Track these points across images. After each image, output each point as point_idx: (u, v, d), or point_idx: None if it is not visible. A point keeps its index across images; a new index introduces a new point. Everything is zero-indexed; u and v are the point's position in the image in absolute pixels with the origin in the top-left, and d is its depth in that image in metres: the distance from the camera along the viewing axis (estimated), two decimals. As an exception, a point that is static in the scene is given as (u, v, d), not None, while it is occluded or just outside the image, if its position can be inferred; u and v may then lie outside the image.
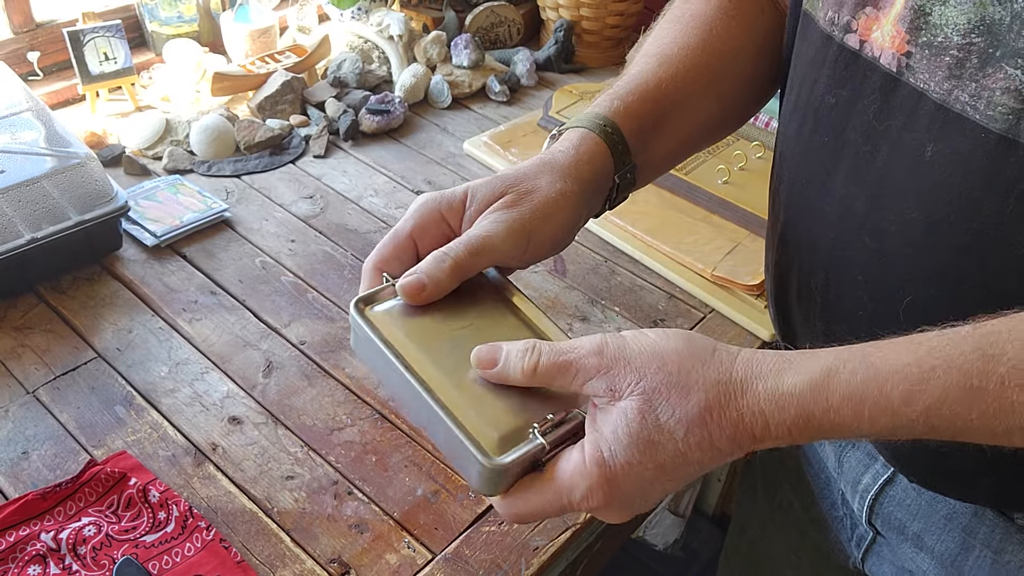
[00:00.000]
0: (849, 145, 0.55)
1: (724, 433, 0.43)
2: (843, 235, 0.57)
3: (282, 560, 0.70)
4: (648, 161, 0.63)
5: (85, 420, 0.80)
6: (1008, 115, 0.45)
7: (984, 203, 0.47)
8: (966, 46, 0.47)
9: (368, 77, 1.34)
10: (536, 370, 0.46)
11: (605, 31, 1.49)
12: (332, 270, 1.01)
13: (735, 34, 0.67)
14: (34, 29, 1.23)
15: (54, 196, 0.91)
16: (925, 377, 0.40)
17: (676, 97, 0.64)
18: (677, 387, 0.43)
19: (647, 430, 0.43)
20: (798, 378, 0.42)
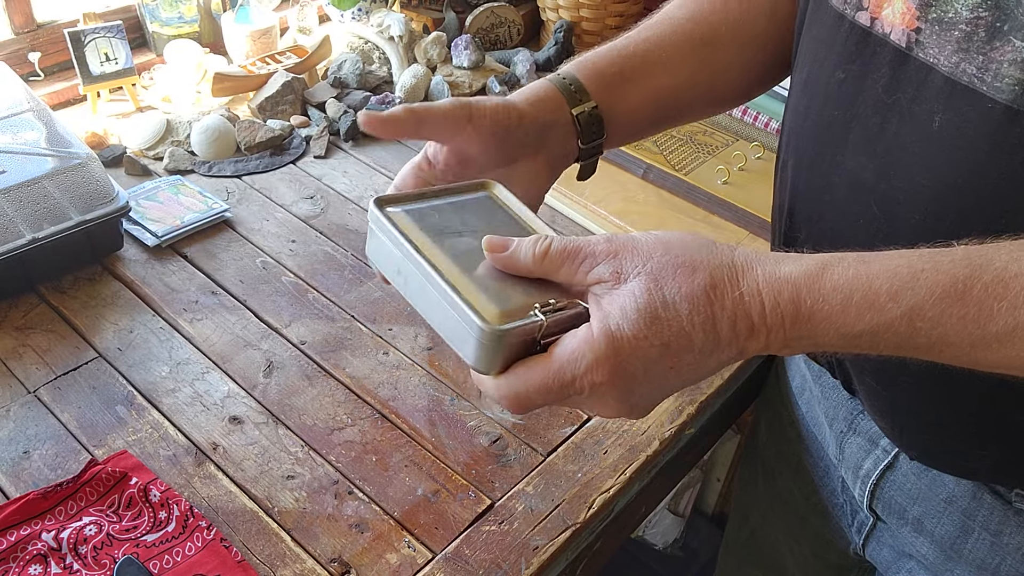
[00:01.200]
0: (858, 119, 0.56)
1: (725, 312, 0.44)
2: (852, 207, 0.58)
3: (282, 560, 0.70)
4: (621, 107, 0.65)
5: (86, 420, 0.80)
6: (1015, 86, 0.47)
7: (990, 169, 0.49)
8: (974, 20, 0.48)
9: (368, 78, 1.34)
10: (547, 254, 0.47)
11: (605, 32, 1.49)
12: (332, 270, 1.01)
13: (731, 7, 0.69)
14: (35, 30, 1.23)
15: (55, 196, 0.91)
16: (914, 276, 0.42)
17: (649, 56, 0.67)
18: (683, 267, 0.44)
19: (654, 305, 0.44)
20: (795, 266, 0.44)
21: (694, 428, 0.88)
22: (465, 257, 0.53)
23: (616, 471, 0.80)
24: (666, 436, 0.84)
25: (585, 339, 0.45)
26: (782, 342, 0.44)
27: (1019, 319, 0.40)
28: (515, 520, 0.75)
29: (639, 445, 0.83)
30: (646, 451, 0.82)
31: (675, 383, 0.46)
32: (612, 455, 0.81)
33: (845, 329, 0.43)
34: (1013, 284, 0.40)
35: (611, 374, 0.44)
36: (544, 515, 0.76)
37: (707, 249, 0.45)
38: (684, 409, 0.87)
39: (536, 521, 0.75)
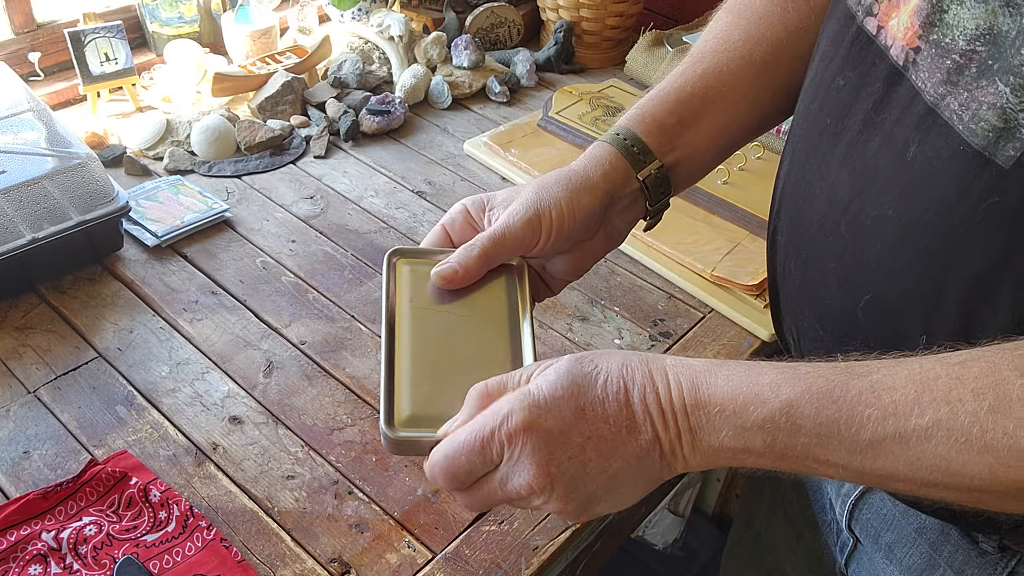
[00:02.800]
0: (847, 131, 0.56)
1: (636, 385, 0.47)
2: (827, 220, 0.57)
3: (282, 559, 0.70)
4: (685, 156, 0.66)
5: (86, 420, 0.80)
6: (989, 132, 0.46)
7: (954, 213, 0.48)
8: (968, 52, 0.47)
9: (368, 78, 1.34)
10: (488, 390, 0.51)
11: (605, 32, 1.49)
12: (332, 270, 1.01)
13: (791, 18, 0.67)
14: (35, 30, 1.23)
15: (55, 196, 0.91)
16: (796, 375, 0.45)
17: (709, 94, 0.66)
18: (602, 354, 0.49)
19: (572, 375, 0.48)
20: (699, 361, 0.48)
21: (694, 428, 0.88)
22: (432, 340, 0.57)
23: (616, 471, 0.80)
24: (666, 436, 0.84)
25: (506, 397, 0.48)
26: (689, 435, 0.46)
27: (887, 430, 0.42)
28: (515, 520, 0.75)
29: (639, 445, 0.83)
30: (646, 451, 0.82)
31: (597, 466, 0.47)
32: (612, 455, 0.81)
33: (737, 421, 0.45)
34: (885, 396, 0.42)
35: (527, 425, 0.46)
36: (544, 515, 0.76)
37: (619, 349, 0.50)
38: (684, 409, 0.87)
39: (536, 521, 0.75)
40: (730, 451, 0.46)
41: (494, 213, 0.62)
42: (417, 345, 0.57)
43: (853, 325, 0.56)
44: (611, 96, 1.33)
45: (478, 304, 0.59)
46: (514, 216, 0.60)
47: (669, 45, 1.44)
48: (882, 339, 0.54)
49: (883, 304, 0.54)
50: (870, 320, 0.55)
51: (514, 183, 1.18)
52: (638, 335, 0.96)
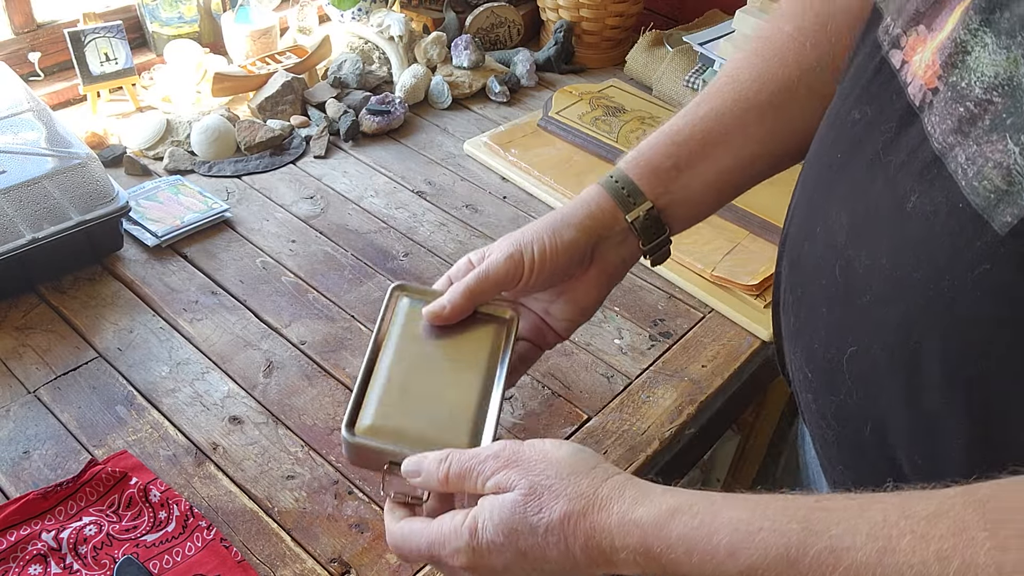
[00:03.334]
0: (854, 169, 0.54)
1: (577, 541, 0.47)
2: (823, 261, 0.55)
3: (282, 559, 0.70)
4: (681, 199, 0.66)
5: (86, 420, 0.80)
6: (990, 193, 0.43)
7: (944, 276, 0.45)
8: (984, 102, 0.44)
9: (368, 78, 1.34)
10: (448, 477, 0.53)
11: (605, 32, 1.49)
12: (332, 270, 1.01)
13: (807, 57, 0.65)
14: (35, 30, 1.23)
15: (55, 196, 0.91)
16: (752, 534, 0.42)
17: (709, 137, 0.65)
18: (550, 490, 0.49)
19: (515, 520, 0.49)
20: (647, 510, 0.46)
21: (694, 428, 0.88)
22: (409, 367, 0.62)
23: (616, 471, 0.80)
24: (666, 436, 0.84)
25: (455, 527, 0.51)
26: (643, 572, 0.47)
27: None
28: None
29: (639, 445, 0.83)
30: (646, 451, 0.82)
31: None
32: (612, 455, 0.81)
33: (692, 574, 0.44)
34: (844, 557, 0.40)
35: (470, 563, 0.50)
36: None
37: (578, 475, 0.49)
38: (684, 409, 0.87)
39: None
40: None
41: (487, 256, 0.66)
42: (395, 368, 0.61)
43: (838, 377, 0.54)
44: (611, 96, 1.33)
45: (462, 346, 0.63)
46: (497, 254, 0.64)
47: (669, 45, 1.44)
48: (864, 397, 0.52)
49: (867, 360, 0.51)
50: (854, 374, 0.53)
51: (514, 183, 1.19)
52: (638, 335, 0.96)
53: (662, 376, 0.91)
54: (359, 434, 0.57)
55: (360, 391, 0.60)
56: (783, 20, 0.68)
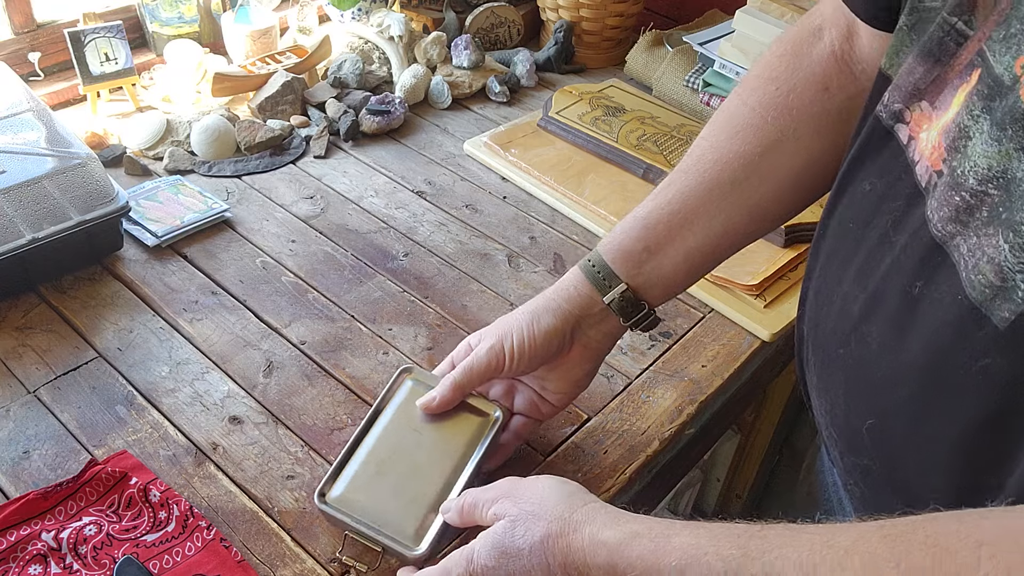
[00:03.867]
0: (865, 242, 0.54)
1: (556, 560, 0.53)
2: (839, 330, 0.56)
3: (282, 559, 0.70)
4: (655, 279, 0.71)
5: (86, 420, 0.80)
6: (986, 288, 0.43)
7: (949, 363, 0.46)
8: (980, 193, 0.43)
9: (368, 78, 1.34)
10: (463, 510, 0.63)
11: (605, 32, 1.49)
12: (332, 270, 1.01)
13: (768, 132, 0.66)
14: (35, 30, 1.23)
15: (55, 196, 0.91)
16: (698, 557, 0.46)
17: (674, 220, 0.69)
18: (534, 516, 0.56)
19: (504, 543, 0.56)
20: (614, 533, 0.51)
21: (694, 428, 0.88)
22: (392, 446, 0.72)
23: (616, 471, 0.80)
24: (666, 436, 0.84)
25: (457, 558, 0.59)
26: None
27: None
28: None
29: (639, 445, 0.83)
30: (646, 451, 0.82)
31: None
32: (612, 455, 0.81)
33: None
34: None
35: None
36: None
37: (559, 502, 0.56)
38: (684, 409, 0.87)
39: None
40: None
41: None
42: (379, 445, 0.72)
43: (859, 444, 0.55)
44: (611, 96, 1.33)
45: (445, 435, 0.72)
46: (480, 348, 0.71)
47: (669, 45, 1.44)
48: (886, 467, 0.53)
49: (885, 433, 0.52)
50: (874, 444, 0.54)
51: (514, 183, 1.19)
52: (638, 335, 0.96)
53: (662, 376, 0.91)
54: (329, 502, 0.68)
55: (343, 460, 0.71)
56: (746, 93, 0.69)
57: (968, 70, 0.46)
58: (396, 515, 0.67)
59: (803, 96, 0.66)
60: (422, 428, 0.73)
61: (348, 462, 0.71)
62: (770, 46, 0.70)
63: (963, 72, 0.47)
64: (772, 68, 0.68)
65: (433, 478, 0.69)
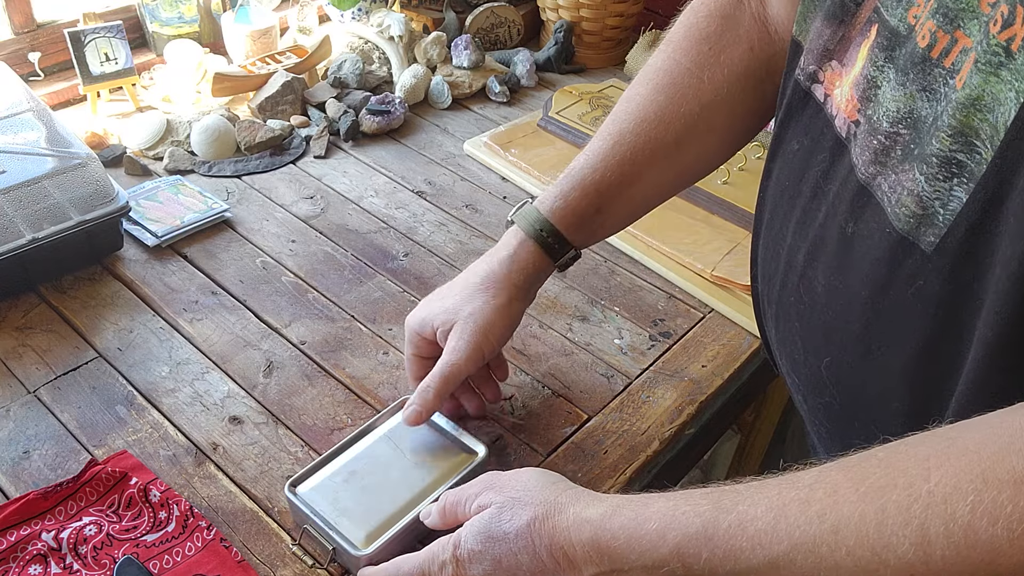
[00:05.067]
0: (801, 197, 0.58)
1: (543, 543, 0.54)
2: (787, 281, 0.59)
3: (282, 560, 0.70)
4: (596, 235, 0.76)
5: (86, 420, 0.80)
6: (910, 218, 0.46)
7: (887, 292, 0.49)
8: (893, 135, 0.48)
9: (368, 78, 1.34)
10: (444, 510, 0.64)
11: (605, 32, 1.49)
12: (332, 270, 1.01)
13: (705, 91, 0.70)
14: (35, 30, 1.23)
15: (55, 196, 0.91)
16: (676, 517, 0.48)
17: (624, 180, 0.72)
18: (519, 502, 0.57)
19: (491, 529, 0.57)
20: (597, 509, 0.53)
21: (694, 428, 0.88)
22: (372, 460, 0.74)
23: (616, 471, 0.80)
24: (666, 436, 0.84)
25: (441, 545, 0.60)
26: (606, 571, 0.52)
27: (759, 559, 0.44)
28: None
29: (639, 445, 0.83)
30: (646, 451, 0.82)
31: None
32: (612, 455, 0.81)
33: (639, 561, 0.50)
34: (749, 527, 0.45)
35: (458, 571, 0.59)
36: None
37: (543, 489, 0.57)
38: (684, 409, 0.87)
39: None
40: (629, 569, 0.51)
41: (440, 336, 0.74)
42: (360, 456, 0.74)
43: (820, 383, 0.58)
44: (611, 96, 1.33)
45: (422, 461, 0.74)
46: (458, 354, 0.72)
47: (669, 45, 1.44)
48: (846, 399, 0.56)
49: (841, 368, 0.55)
50: (832, 380, 0.56)
51: (514, 183, 1.19)
52: (638, 335, 0.96)
53: (662, 376, 0.91)
54: (297, 493, 0.71)
55: (323, 461, 0.74)
56: (679, 52, 0.72)
57: (867, 27, 0.51)
58: (353, 519, 0.69)
59: (732, 55, 0.69)
60: (405, 450, 0.75)
61: (327, 464, 0.74)
62: (692, 6, 0.73)
63: (863, 29, 0.52)
64: (702, 28, 0.71)
65: (399, 494, 0.71)
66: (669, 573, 0.49)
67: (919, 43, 0.46)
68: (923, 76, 0.46)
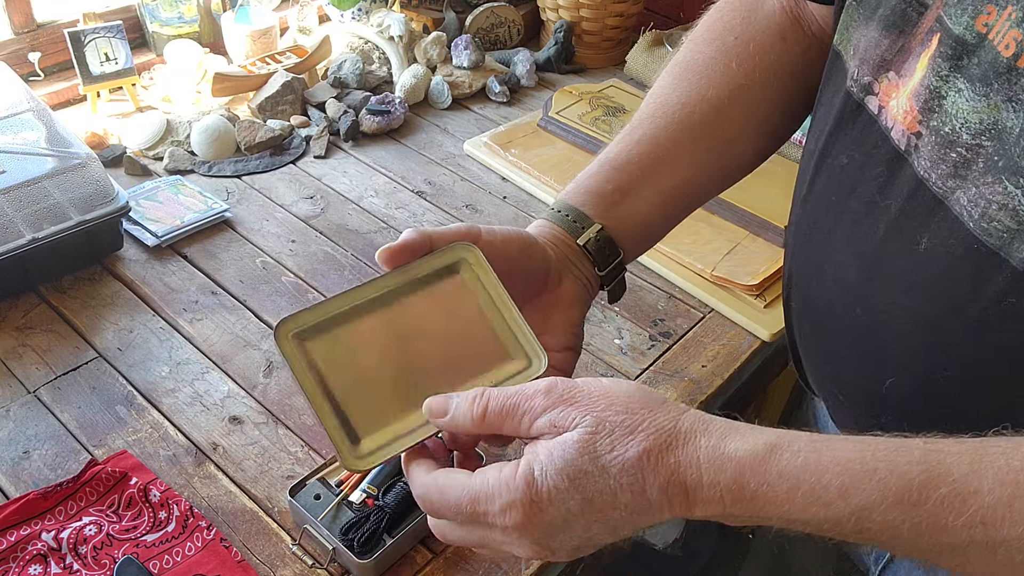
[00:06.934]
0: (851, 212, 0.55)
1: (657, 480, 0.42)
2: (837, 300, 0.56)
3: (282, 559, 0.70)
4: (630, 223, 0.63)
5: (86, 420, 0.80)
6: (1003, 233, 0.44)
7: (970, 310, 0.47)
8: (975, 147, 0.46)
9: (368, 78, 1.34)
10: (485, 416, 0.46)
11: (605, 32, 1.49)
12: (332, 270, 1.01)
13: (734, 76, 0.65)
14: (35, 30, 1.23)
15: (55, 196, 0.91)
16: (866, 475, 0.40)
17: (645, 160, 0.64)
18: (622, 427, 0.43)
19: (582, 460, 0.42)
20: (742, 444, 0.42)
21: (694, 428, 0.87)
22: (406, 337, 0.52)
23: (616, 471, 0.80)
24: (666, 436, 0.84)
25: (505, 479, 0.43)
26: (719, 515, 0.43)
27: (974, 537, 0.39)
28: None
29: (639, 445, 0.83)
30: (646, 451, 0.82)
31: (603, 534, 0.44)
32: (612, 455, 0.81)
33: (789, 515, 0.41)
34: (971, 501, 0.39)
35: (525, 518, 0.43)
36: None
37: (652, 410, 0.44)
38: (684, 409, 0.87)
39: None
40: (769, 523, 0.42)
41: None
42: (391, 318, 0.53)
43: (878, 403, 0.55)
44: (611, 96, 1.33)
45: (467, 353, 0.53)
46: None
47: (669, 45, 1.44)
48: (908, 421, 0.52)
49: (907, 389, 0.52)
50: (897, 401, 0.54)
51: (514, 183, 1.19)
52: (638, 335, 0.96)
53: (662, 376, 0.91)
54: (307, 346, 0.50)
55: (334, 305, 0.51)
56: (702, 43, 0.68)
57: (928, 36, 0.49)
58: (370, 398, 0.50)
59: (762, 45, 0.66)
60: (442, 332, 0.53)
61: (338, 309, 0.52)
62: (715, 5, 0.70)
63: (924, 39, 0.49)
64: (725, 21, 0.68)
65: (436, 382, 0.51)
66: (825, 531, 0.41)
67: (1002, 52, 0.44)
68: (1009, 86, 0.44)
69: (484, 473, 0.45)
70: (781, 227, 1.05)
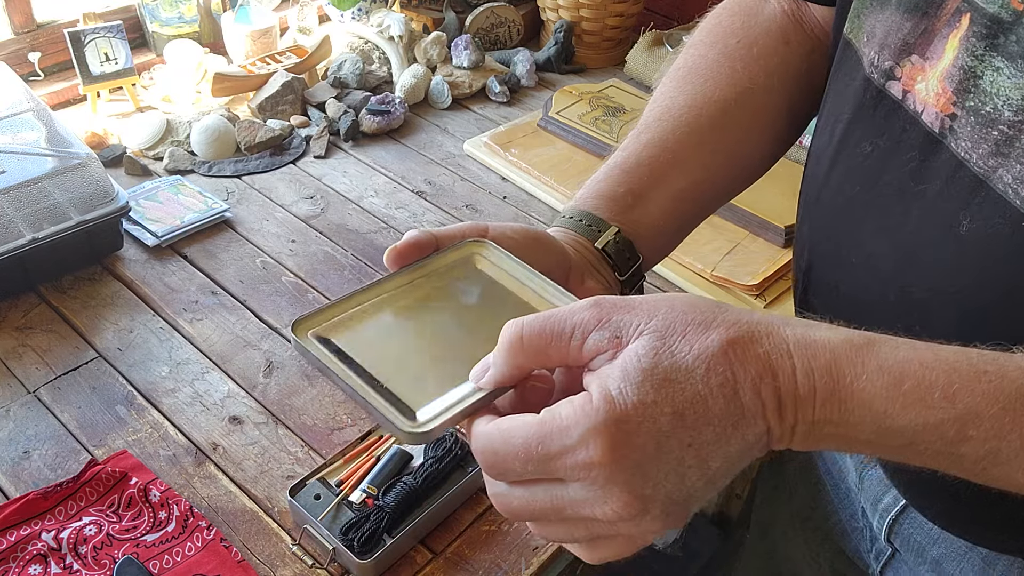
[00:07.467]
0: (880, 200, 0.53)
1: (748, 374, 0.36)
2: (869, 288, 0.55)
3: (282, 559, 0.70)
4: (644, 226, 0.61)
5: (86, 420, 0.80)
6: None
7: (1019, 290, 0.45)
8: (1018, 123, 0.45)
9: (368, 78, 1.34)
10: (522, 340, 0.38)
11: (605, 32, 1.49)
12: (332, 270, 1.01)
13: (739, 79, 0.65)
14: (35, 30, 1.23)
15: (55, 196, 0.91)
16: (975, 376, 0.36)
17: (655, 163, 0.63)
18: (694, 324, 0.37)
19: (663, 366, 0.36)
20: (833, 333, 0.37)
21: (694, 428, 0.87)
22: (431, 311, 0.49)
23: (616, 471, 0.80)
24: (666, 436, 0.84)
25: (581, 405, 0.36)
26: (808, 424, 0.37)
27: None
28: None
29: (639, 445, 0.83)
30: (646, 451, 0.82)
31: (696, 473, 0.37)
32: (612, 455, 0.81)
33: (885, 421, 0.36)
34: None
35: (612, 450, 0.35)
36: (544, 515, 0.75)
37: (719, 307, 0.38)
38: (684, 409, 0.87)
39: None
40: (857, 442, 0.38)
41: None
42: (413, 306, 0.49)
43: None
44: (611, 96, 1.33)
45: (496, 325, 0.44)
46: None
47: (669, 45, 1.44)
48: None
49: None
50: None
51: (514, 183, 1.19)
52: (638, 335, 0.95)
53: (662, 376, 0.91)
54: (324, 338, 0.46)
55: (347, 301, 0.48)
56: (704, 47, 0.67)
57: (956, 17, 0.48)
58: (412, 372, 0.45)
59: (766, 48, 0.65)
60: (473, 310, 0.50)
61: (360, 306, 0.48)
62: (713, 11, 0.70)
63: (951, 20, 0.48)
64: (725, 26, 0.67)
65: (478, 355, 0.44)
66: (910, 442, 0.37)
67: None
68: None
69: (554, 409, 0.37)
70: (781, 227, 1.05)
